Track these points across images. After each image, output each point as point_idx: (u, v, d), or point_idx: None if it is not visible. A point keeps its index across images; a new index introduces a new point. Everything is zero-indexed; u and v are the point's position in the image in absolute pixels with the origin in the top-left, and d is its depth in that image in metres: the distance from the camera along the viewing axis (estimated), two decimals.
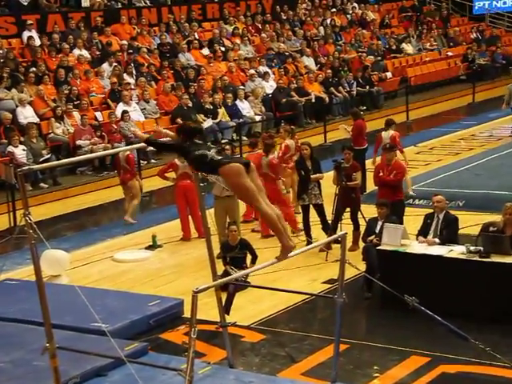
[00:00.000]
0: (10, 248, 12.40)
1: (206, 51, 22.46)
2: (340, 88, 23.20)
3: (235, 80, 21.74)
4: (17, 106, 17.44)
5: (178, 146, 7.09)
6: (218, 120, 19.76)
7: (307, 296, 10.00)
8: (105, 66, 19.99)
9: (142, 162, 16.96)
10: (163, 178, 13.53)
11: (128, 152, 13.70)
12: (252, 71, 22.12)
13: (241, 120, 20.08)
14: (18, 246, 12.50)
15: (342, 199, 11.93)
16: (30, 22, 20.00)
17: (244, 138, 18.99)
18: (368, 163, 14.63)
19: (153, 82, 20.45)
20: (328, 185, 12.64)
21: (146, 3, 23.34)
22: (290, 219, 12.30)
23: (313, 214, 12.28)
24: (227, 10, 24.91)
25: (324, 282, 10.81)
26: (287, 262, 9.61)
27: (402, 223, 10.85)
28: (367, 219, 11.37)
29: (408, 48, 27.30)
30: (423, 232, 10.36)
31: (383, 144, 13.03)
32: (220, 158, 6.66)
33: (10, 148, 15.95)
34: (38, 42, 19.70)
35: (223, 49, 22.76)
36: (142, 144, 7.55)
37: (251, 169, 6.62)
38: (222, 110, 20.01)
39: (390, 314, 9.46)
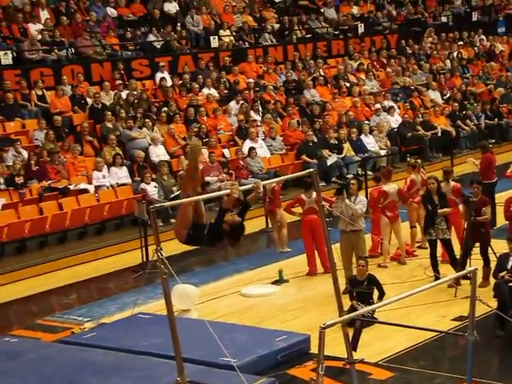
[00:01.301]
0: (143, 282, 12.77)
1: (330, 87, 22.61)
2: (467, 121, 22.80)
3: (360, 115, 21.75)
4: (149, 145, 18.06)
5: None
6: (343, 155, 19.80)
7: (436, 333, 9.82)
8: (232, 103, 20.44)
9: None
10: (290, 213, 13.71)
11: (274, 184, 13.97)
12: (377, 106, 22.08)
13: (366, 155, 20.05)
14: (150, 281, 12.87)
15: (471, 234, 11.70)
16: (162, 63, 20.73)
17: (369, 172, 18.92)
18: (498, 197, 14.29)
19: (278, 119, 20.73)
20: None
21: (272, 42, 23.75)
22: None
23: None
24: (352, 46, 25.00)
25: (453, 319, 10.60)
26: (415, 298, 9.49)
27: None
28: (498, 254, 11.09)
29: None
30: None
31: None
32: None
33: (143, 185, 16.50)
34: (169, 83, 20.37)
35: (348, 84, 22.84)
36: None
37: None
38: (346, 145, 20.04)
39: None
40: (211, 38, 22.27)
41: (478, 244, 11.93)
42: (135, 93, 19.44)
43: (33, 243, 15.24)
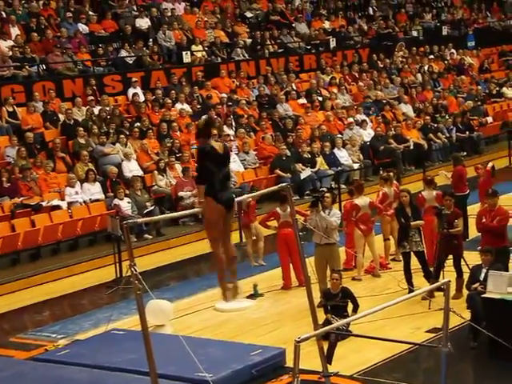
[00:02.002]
0: (117, 298, 12.70)
1: (303, 101, 22.70)
2: (439, 134, 23.01)
3: (333, 129, 21.86)
4: (122, 160, 18.01)
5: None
6: (316, 169, 19.87)
7: (411, 345, 9.86)
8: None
9: None
10: (265, 227, 13.75)
11: (250, 199, 13.97)
12: (350, 119, 22.20)
13: (339, 168, 20.14)
14: (124, 296, 12.80)
15: (443, 246, 11.77)
16: (134, 79, 20.70)
17: (342, 185, 19.00)
18: (470, 209, 14.41)
19: (252, 133, 20.78)
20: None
21: (244, 57, 23.83)
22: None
23: (413, 262, 12.15)
24: (324, 60, 25.14)
25: (428, 331, 10.64)
26: (389, 311, 9.54)
27: (507, 270, 10.62)
28: (471, 266, 11.17)
29: (509, 92, 26.84)
30: None
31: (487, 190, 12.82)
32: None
33: (116, 201, 16.45)
34: (142, 98, 20.34)
35: (320, 98, 22.95)
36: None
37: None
38: (320, 159, 20.12)
39: (498, 365, 9.23)
40: (183, 53, 22.30)
41: (450, 256, 12.00)
42: (108, 108, 19.40)
43: (5, 260, 15.12)
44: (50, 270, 14.84)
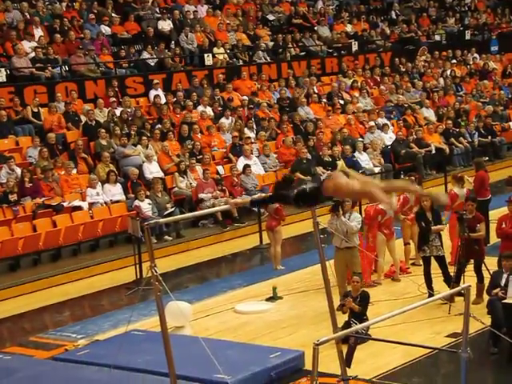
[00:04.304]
0: (137, 299, 12.74)
1: (324, 104, 22.69)
2: (461, 138, 22.90)
3: (354, 132, 21.82)
4: (143, 162, 18.08)
5: (277, 195, 7.40)
6: None
7: (430, 350, 9.82)
8: (226, 120, 20.48)
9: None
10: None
11: (277, 205, 13.94)
12: (371, 123, 22.15)
13: (360, 172, 20.09)
14: (144, 298, 12.84)
15: (465, 251, 11.71)
16: (156, 81, 20.78)
17: None
18: (491, 214, 14.33)
19: (273, 136, 20.77)
20: (447, 237, 12.46)
21: (266, 59, 23.84)
22: (364, 269, 12.30)
23: (433, 266, 12.10)
24: (345, 63, 25.11)
25: (447, 336, 10.59)
26: (409, 315, 9.48)
27: None
28: (492, 272, 11.11)
29: None
30: None
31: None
32: (315, 183, 7.19)
33: (137, 202, 16.50)
34: (163, 100, 20.40)
35: (342, 102, 22.92)
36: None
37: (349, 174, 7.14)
38: (340, 162, 20.04)
39: None
40: (205, 55, 22.36)
41: (471, 261, 11.95)
42: (129, 110, 19.47)
43: (26, 260, 15.21)
44: (71, 271, 14.90)
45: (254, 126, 20.74)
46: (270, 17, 25.72)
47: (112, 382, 9.07)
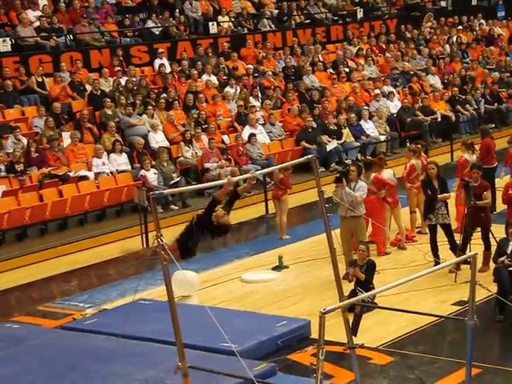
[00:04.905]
0: (143, 269, 12.79)
1: (329, 72, 22.58)
2: (467, 106, 22.80)
3: (359, 100, 21.73)
4: (148, 132, 18.05)
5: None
6: (342, 141, 19.79)
7: (436, 318, 9.85)
8: (231, 89, 20.40)
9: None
10: None
11: (281, 175, 13.93)
12: (376, 91, 22.05)
13: (366, 140, 20.05)
14: (151, 267, 12.89)
15: (471, 219, 11.71)
16: (161, 50, 20.68)
17: (369, 157, 18.90)
18: (498, 182, 14.30)
19: (278, 105, 20.70)
20: (452, 204, 12.44)
21: (271, 27, 23.69)
22: (379, 239, 12.31)
23: (440, 234, 12.11)
24: (351, 31, 24.94)
25: (453, 304, 10.62)
26: (415, 283, 9.51)
27: None
28: (498, 239, 11.11)
29: None
30: None
31: None
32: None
33: (143, 172, 16.51)
34: (168, 69, 20.33)
35: (347, 70, 22.80)
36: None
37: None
38: (346, 131, 20.03)
39: None
40: (210, 24, 22.24)
41: (478, 229, 11.94)
42: (134, 79, 19.42)
43: (33, 230, 15.28)
44: (77, 241, 14.97)
45: (259, 95, 20.66)
46: None
47: (119, 350, 9.14)
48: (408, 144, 18.36)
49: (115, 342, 8.83)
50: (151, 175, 16.51)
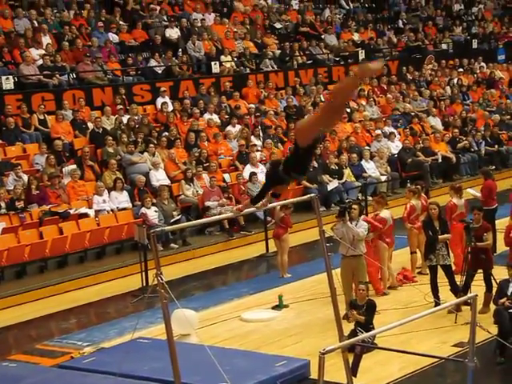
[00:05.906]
0: (143, 307, 12.73)
1: None
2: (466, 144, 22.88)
3: (361, 141, 21.82)
4: (150, 169, 18.09)
5: (268, 179, 7.31)
6: (343, 180, 19.83)
7: (436, 359, 9.79)
8: (233, 128, 20.49)
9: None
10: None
11: (282, 214, 13.95)
12: (378, 131, 22.15)
13: (366, 180, 20.09)
14: (150, 305, 12.83)
15: (472, 260, 11.68)
16: (163, 88, 20.82)
17: (369, 198, 18.92)
18: (498, 223, 14.29)
19: (279, 144, 20.78)
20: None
21: (273, 67, 23.87)
22: (373, 280, 12.28)
23: (440, 275, 12.07)
24: (353, 72, 25.12)
25: (454, 345, 10.56)
26: (415, 324, 9.45)
27: None
28: (498, 281, 11.08)
29: None
30: None
31: None
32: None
33: (143, 209, 16.51)
34: (170, 108, 20.45)
35: (349, 110, 22.93)
36: (251, 209, 7.70)
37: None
38: (347, 171, 20.08)
39: None
40: (212, 63, 22.40)
41: (479, 270, 11.91)
42: (136, 117, 19.52)
43: (32, 267, 15.23)
44: (77, 278, 14.91)
45: (261, 134, 20.75)
46: (277, 25, 25.76)
47: None
48: (408, 184, 18.37)
49: (113, 381, 8.76)
50: (152, 213, 16.51)
